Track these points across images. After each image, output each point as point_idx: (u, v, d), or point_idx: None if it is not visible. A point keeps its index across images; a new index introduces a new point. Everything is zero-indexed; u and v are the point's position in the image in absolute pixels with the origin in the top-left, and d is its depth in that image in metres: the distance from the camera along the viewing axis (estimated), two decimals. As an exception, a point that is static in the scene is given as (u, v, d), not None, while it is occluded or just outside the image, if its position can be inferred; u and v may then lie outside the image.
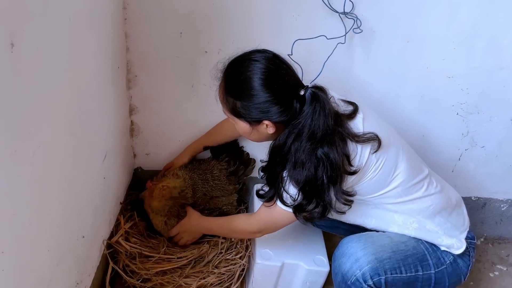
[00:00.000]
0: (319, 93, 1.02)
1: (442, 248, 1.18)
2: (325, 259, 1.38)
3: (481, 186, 1.76)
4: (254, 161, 1.62)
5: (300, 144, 1.02)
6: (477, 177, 1.73)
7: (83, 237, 1.09)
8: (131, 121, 1.54)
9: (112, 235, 1.39)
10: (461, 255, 1.19)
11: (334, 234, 1.53)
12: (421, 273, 1.14)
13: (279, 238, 1.42)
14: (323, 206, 1.06)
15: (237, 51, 1.08)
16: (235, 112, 1.06)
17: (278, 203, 1.12)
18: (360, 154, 1.05)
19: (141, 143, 1.61)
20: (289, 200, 1.08)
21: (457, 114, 1.56)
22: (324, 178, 1.02)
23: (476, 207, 1.80)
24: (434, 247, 1.18)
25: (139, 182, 1.68)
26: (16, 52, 0.66)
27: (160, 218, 1.40)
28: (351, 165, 1.05)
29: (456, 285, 1.23)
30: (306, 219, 1.11)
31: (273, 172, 1.12)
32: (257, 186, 1.61)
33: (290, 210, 1.10)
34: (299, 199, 1.06)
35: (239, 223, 1.27)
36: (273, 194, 1.14)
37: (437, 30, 1.38)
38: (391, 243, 1.15)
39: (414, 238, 1.18)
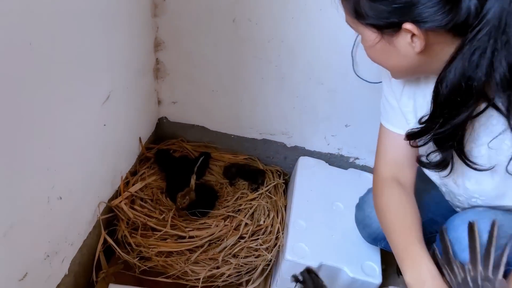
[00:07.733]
0: None
1: None
2: (377, 267, 1.06)
3: None
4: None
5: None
6: None
7: (60, 198, 0.83)
8: (156, 59, 1.24)
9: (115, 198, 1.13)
10: None
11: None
12: None
13: (320, 232, 1.11)
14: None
15: None
16: (357, 14, 0.63)
17: None
18: None
19: (167, 88, 1.32)
20: None
21: None
22: None
23: None
24: None
25: (164, 135, 1.43)
26: None
27: None
28: None
29: None
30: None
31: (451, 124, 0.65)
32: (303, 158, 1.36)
33: None
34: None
35: None
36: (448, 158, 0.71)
37: None
38: None
39: None
